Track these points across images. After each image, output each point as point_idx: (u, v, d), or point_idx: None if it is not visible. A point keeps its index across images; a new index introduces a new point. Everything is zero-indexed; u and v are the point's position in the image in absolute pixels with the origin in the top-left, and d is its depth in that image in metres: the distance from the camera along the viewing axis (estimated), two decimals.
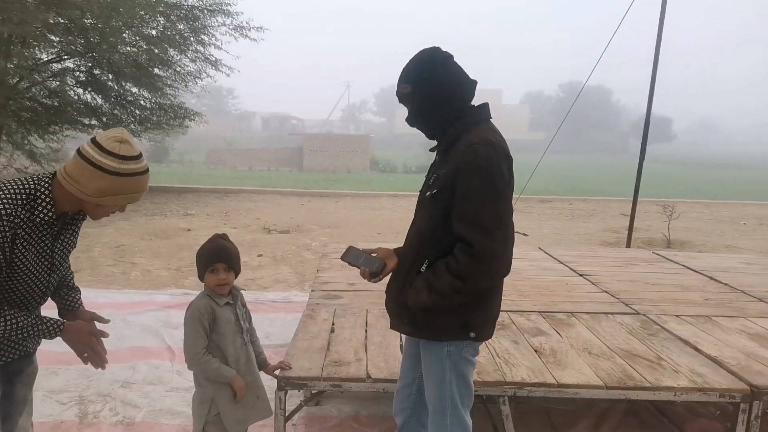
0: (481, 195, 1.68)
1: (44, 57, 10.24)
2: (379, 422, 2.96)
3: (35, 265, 1.69)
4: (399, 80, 1.88)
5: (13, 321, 1.64)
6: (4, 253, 1.57)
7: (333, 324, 3.00)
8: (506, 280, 3.79)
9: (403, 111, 1.86)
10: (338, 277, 3.92)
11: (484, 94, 1.96)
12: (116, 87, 11.36)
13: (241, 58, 12.08)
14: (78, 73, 10.98)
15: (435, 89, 1.81)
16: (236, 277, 2.11)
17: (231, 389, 2.07)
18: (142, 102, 11.59)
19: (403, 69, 1.88)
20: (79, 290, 2.04)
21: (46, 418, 2.97)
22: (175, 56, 11.39)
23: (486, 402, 3.20)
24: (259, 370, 2.23)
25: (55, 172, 1.64)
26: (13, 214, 1.56)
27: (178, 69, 11.57)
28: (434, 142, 1.97)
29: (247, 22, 11.82)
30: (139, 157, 1.65)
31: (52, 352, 3.08)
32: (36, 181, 1.63)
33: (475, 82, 1.88)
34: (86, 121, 11.25)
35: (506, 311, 3.17)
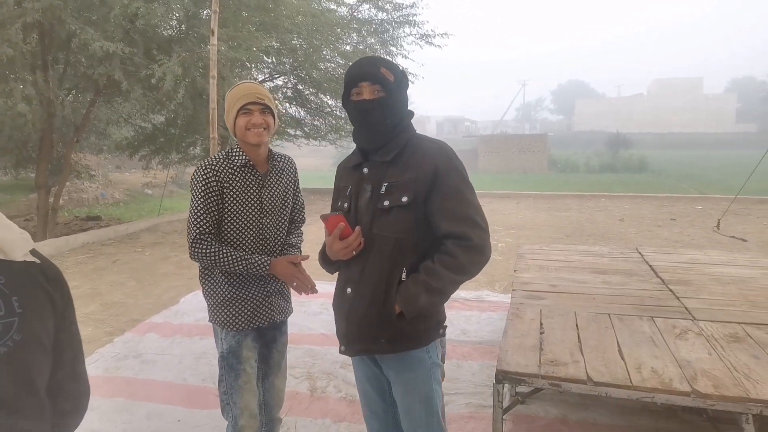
0: (466, 191, 1.73)
1: (260, 77, 11.81)
2: (589, 428, 2.90)
3: (244, 208, 2.11)
4: (373, 62, 1.76)
5: (226, 254, 2.05)
6: (214, 196, 2.05)
7: (541, 324, 3.01)
8: (735, 289, 3.44)
9: (584, 106, 1.87)
10: (538, 278, 3.90)
11: (681, 83, 1.81)
12: (315, 100, 12.64)
13: (426, 65, 12.60)
14: (285, 89, 12.48)
15: (406, 88, 1.81)
16: None
17: None
18: (337, 113, 12.72)
19: (376, 57, 1.83)
20: (299, 249, 2.41)
21: None
22: None
23: (713, 420, 2.94)
24: None
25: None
26: (215, 164, 2.09)
27: None
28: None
29: (432, 30, 12.33)
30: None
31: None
32: (230, 146, 2.20)
33: None
34: (292, 131, 12.73)
35: (739, 323, 2.87)
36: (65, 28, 7.09)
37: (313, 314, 4.75)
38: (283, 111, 12.46)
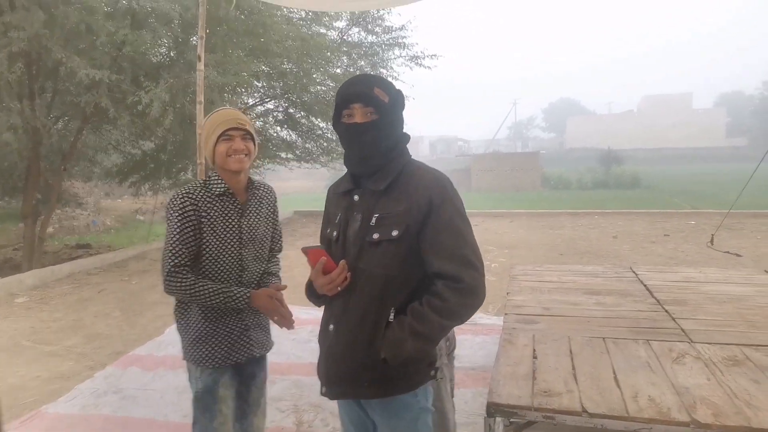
0: (461, 226, 1.60)
1: (250, 101, 11.82)
2: None
3: (222, 239, 2.02)
4: (366, 82, 1.63)
5: (203, 287, 1.95)
6: (191, 226, 1.96)
7: (534, 350, 2.91)
8: (732, 308, 3.35)
9: (575, 124, 1.76)
10: (531, 301, 3.81)
11: (670, 99, 1.72)
12: (306, 123, 12.65)
13: (415, 86, 12.68)
14: (276, 113, 12.50)
15: (401, 109, 1.69)
16: None
17: None
18: (329, 135, 12.73)
19: (369, 76, 1.70)
20: (279, 277, 2.33)
21: (269, 423, 3.33)
22: None
23: None
24: None
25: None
26: (193, 192, 2.00)
27: None
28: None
29: (422, 52, 12.45)
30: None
31: (272, 363, 3.48)
32: (208, 174, 2.10)
33: None
34: (283, 155, 12.70)
35: (738, 345, 2.78)
36: (51, 56, 7.05)
37: (302, 342, 4.63)
38: (274, 134, 12.46)
